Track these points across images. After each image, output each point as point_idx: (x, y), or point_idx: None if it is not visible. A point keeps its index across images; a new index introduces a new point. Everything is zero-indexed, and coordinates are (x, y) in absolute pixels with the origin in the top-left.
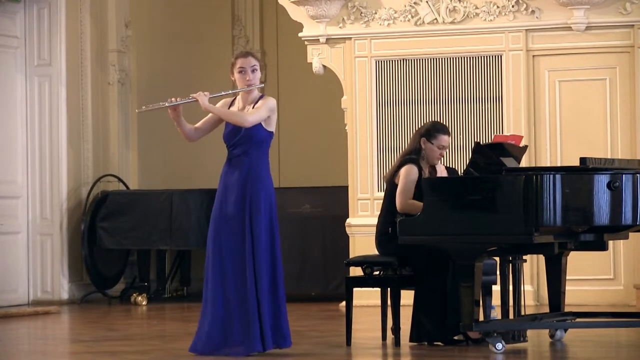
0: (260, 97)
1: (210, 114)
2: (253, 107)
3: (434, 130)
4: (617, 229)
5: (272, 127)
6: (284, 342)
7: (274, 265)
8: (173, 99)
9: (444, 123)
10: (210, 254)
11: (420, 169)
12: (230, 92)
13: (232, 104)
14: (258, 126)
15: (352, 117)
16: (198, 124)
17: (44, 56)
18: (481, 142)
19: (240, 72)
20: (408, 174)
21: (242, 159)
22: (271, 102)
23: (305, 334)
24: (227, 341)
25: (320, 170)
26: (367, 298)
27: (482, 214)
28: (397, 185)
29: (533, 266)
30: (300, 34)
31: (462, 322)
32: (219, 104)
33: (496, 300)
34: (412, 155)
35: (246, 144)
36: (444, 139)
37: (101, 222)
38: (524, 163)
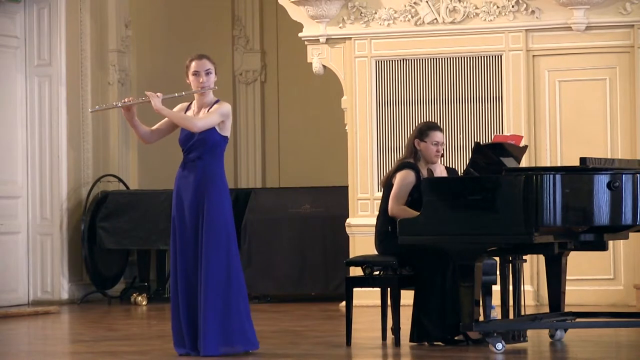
0: (216, 102)
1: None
2: (208, 112)
3: (425, 128)
4: (617, 229)
5: (226, 132)
6: (241, 346)
7: (228, 270)
8: (126, 99)
9: (444, 122)
10: (171, 259)
11: (418, 173)
12: (183, 93)
13: (188, 108)
14: (212, 131)
15: (352, 117)
16: (155, 126)
17: (44, 56)
18: (481, 142)
19: (194, 74)
20: (404, 179)
21: (196, 163)
22: (225, 107)
23: (305, 334)
24: (185, 344)
25: (320, 170)
26: (367, 298)
27: (482, 214)
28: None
29: (533, 266)
30: (300, 34)
31: (462, 322)
32: (176, 108)
33: (496, 300)
34: (409, 159)
35: (200, 148)
36: (437, 134)
37: (101, 222)
38: (524, 163)
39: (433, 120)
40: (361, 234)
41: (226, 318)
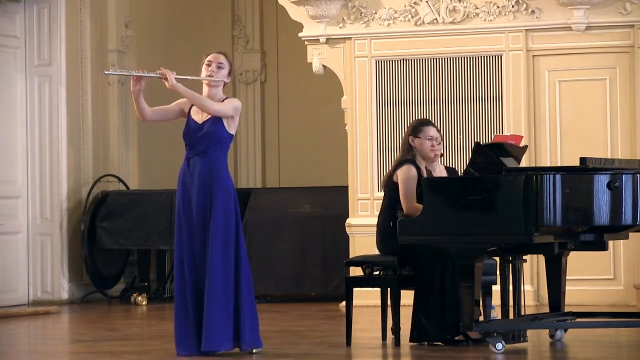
0: (225, 99)
1: (175, 103)
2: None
3: (418, 125)
4: (617, 229)
5: (232, 130)
6: (244, 345)
7: (236, 267)
8: (142, 71)
9: (444, 122)
10: (175, 257)
11: (418, 168)
12: (196, 77)
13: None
14: (220, 125)
15: (352, 117)
16: (157, 107)
17: (44, 56)
18: (481, 142)
19: (206, 64)
20: (406, 175)
21: (202, 158)
22: (237, 102)
23: (305, 334)
24: (188, 342)
25: (320, 170)
26: (367, 298)
27: (482, 214)
28: (395, 184)
29: (533, 266)
30: (300, 34)
31: (462, 322)
32: (174, 103)
33: (496, 300)
34: (407, 157)
35: (206, 142)
36: (430, 129)
37: (101, 222)
38: (524, 163)
39: (427, 118)
40: (361, 234)
41: (235, 314)
